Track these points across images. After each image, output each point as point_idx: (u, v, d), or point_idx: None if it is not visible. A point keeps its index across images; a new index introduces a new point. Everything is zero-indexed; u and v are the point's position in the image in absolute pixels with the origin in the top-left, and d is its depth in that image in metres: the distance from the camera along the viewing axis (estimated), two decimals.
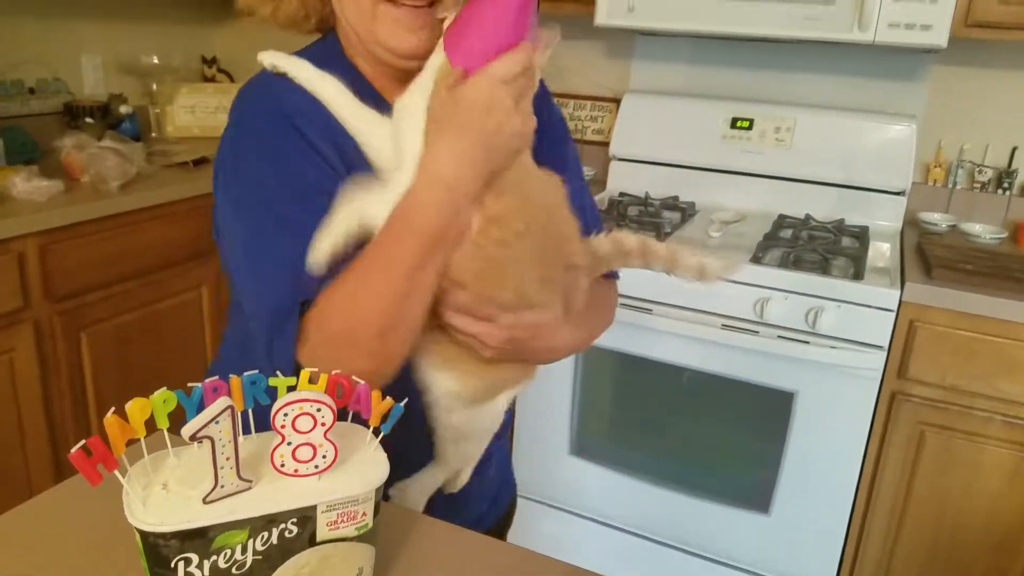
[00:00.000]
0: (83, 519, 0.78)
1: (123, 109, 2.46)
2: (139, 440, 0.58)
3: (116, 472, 0.56)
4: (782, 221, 2.11)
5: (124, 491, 0.57)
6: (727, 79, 2.33)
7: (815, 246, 1.88)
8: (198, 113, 2.72)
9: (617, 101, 2.41)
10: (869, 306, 1.68)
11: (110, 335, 2.03)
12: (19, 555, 0.73)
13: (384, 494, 0.69)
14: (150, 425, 0.59)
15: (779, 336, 1.75)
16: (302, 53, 0.85)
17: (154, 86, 2.66)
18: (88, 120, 2.38)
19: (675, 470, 1.96)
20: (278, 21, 0.87)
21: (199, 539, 0.57)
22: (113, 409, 0.56)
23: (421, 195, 0.71)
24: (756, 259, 1.79)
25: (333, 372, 0.65)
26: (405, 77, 0.78)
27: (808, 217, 2.13)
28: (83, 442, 0.55)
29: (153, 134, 2.65)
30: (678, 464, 1.96)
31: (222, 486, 0.58)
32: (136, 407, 0.57)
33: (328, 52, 0.86)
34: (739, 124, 2.22)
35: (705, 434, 1.93)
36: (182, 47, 2.85)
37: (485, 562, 0.77)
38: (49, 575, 0.70)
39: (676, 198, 2.25)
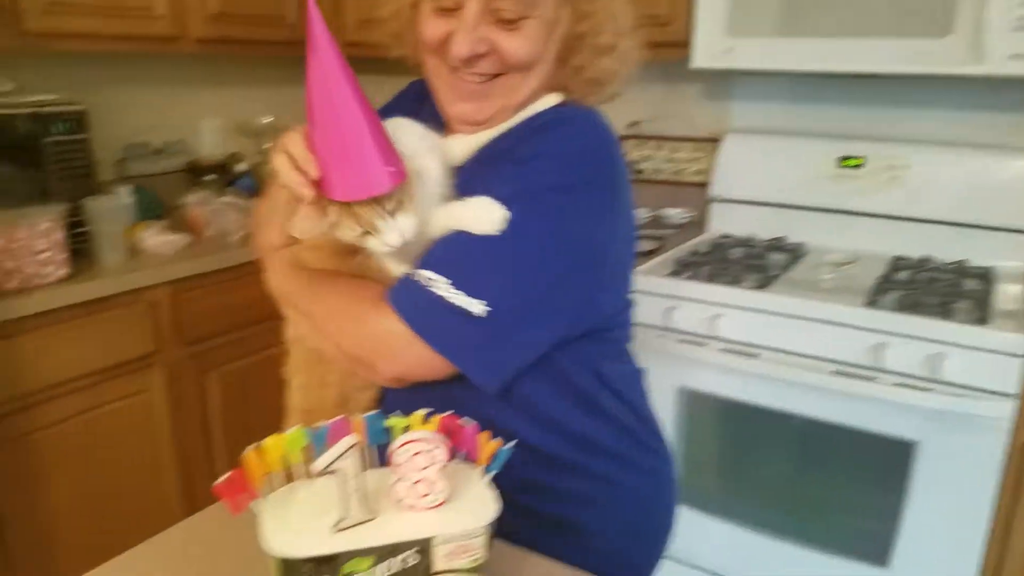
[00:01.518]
0: (217, 548, 0.83)
1: (240, 167, 2.62)
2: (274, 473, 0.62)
3: (254, 503, 0.60)
4: (897, 263, 2.03)
5: (261, 520, 0.61)
6: (833, 116, 2.28)
7: (935, 289, 1.80)
8: None
9: (716, 142, 2.40)
10: (996, 352, 1.58)
11: (234, 377, 2.15)
12: (181, 569, 0.79)
13: None
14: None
15: (897, 383, 1.67)
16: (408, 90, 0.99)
17: (267, 145, 2.83)
18: (209, 178, 2.55)
19: (782, 520, 1.88)
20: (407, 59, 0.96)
21: (330, 564, 0.60)
22: (253, 445, 0.60)
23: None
24: (871, 303, 1.73)
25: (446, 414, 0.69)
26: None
27: (926, 258, 2.04)
28: (227, 475, 0.59)
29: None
30: (785, 514, 1.88)
31: (349, 517, 0.61)
32: (272, 444, 0.61)
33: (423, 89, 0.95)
34: (848, 163, 2.17)
35: (815, 483, 1.85)
36: (292, 108, 3.02)
37: None
38: None
39: (783, 239, 2.21)
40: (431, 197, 0.82)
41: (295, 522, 0.62)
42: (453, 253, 0.80)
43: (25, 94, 1.83)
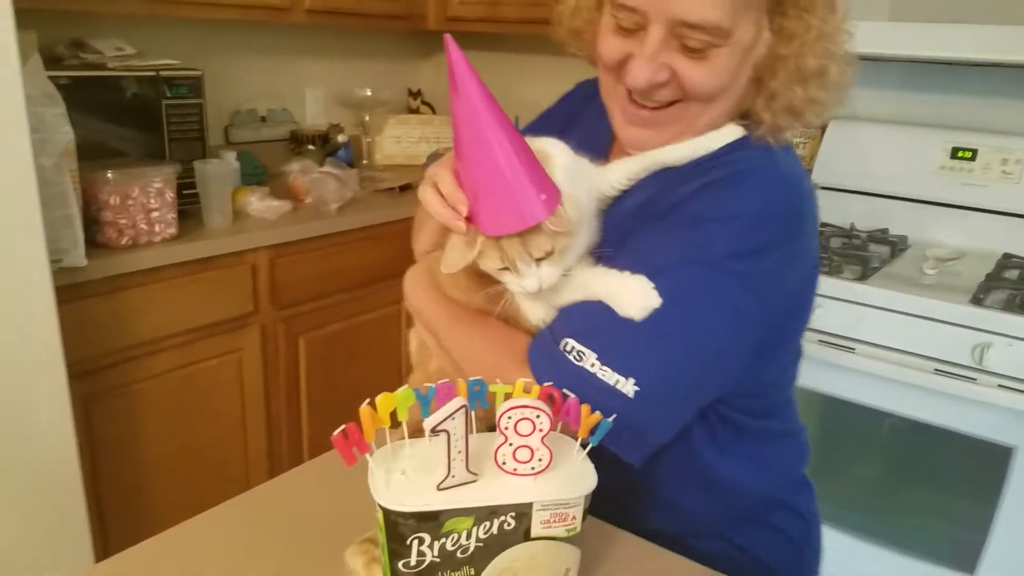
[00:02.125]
0: (314, 500, 0.87)
1: (340, 138, 2.69)
2: (385, 429, 0.64)
3: (367, 455, 0.63)
4: (1007, 260, 1.94)
5: (370, 473, 0.64)
6: (945, 106, 2.18)
7: None
8: (403, 143, 2.92)
9: (823, 128, 2.33)
10: None
11: (323, 341, 2.22)
12: (267, 526, 0.83)
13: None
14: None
15: (1000, 385, 1.61)
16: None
17: (366, 117, 2.89)
18: (310, 147, 2.63)
19: (869, 520, 1.83)
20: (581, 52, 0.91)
21: (432, 521, 0.62)
22: (368, 400, 0.63)
23: None
24: (977, 300, 1.66)
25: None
26: None
27: None
28: (342, 427, 0.61)
29: (364, 161, 2.88)
30: (873, 514, 1.83)
31: (453, 476, 0.63)
32: (384, 401, 0.64)
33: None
34: (960, 154, 2.07)
35: (906, 485, 1.79)
36: (392, 81, 3.08)
37: None
38: (294, 542, 0.79)
39: (885, 231, 2.13)
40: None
41: (400, 478, 0.64)
42: (603, 323, 0.72)
43: (146, 58, 1.92)
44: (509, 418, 0.65)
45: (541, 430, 0.66)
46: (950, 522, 1.74)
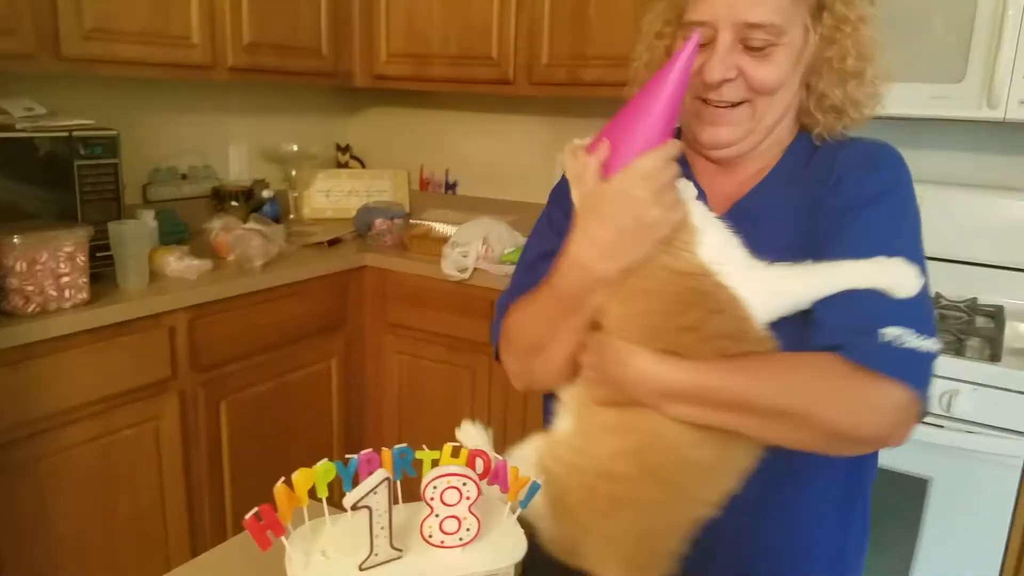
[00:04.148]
0: None
1: (265, 193, 2.65)
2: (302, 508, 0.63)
3: (283, 538, 0.61)
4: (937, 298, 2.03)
5: (287, 556, 0.62)
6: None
7: (947, 326, 1.80)
8: (332, 196, 2.91)
9: None
10: (1008, 390, 1.59)
11: (246, 404, 2.15)
12: None
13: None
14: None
15: None
16: None
17: (293, 172, 2.87)
18: (234, 203, 2.58)
19: None
20: None
21: None
22: (283, 479, 0.62)
23: (563, 270, 0.82)
24: None
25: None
26: (715, 163, 0.95)
27: (938, 295, 2.05)
28: (256, 509, 0.60)
29: (291, 216, 2.84)
30: None
31: (376, 554, 0.62)
32: (301, 477, 0.62)
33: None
34: None
35: None
36: (319, 136, 3.07)
37: None
38: None
39: None
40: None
41: (320, 559, 0.63)
42: (892, 304, 0.78)
43: (59, 118, 1.87)
44: (435, 488, 0.65)
45: (468, 498, 0.66)
46: (877, 551, 1.79)
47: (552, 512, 0.79)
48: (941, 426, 1.64)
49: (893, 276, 0.79)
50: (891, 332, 0.76)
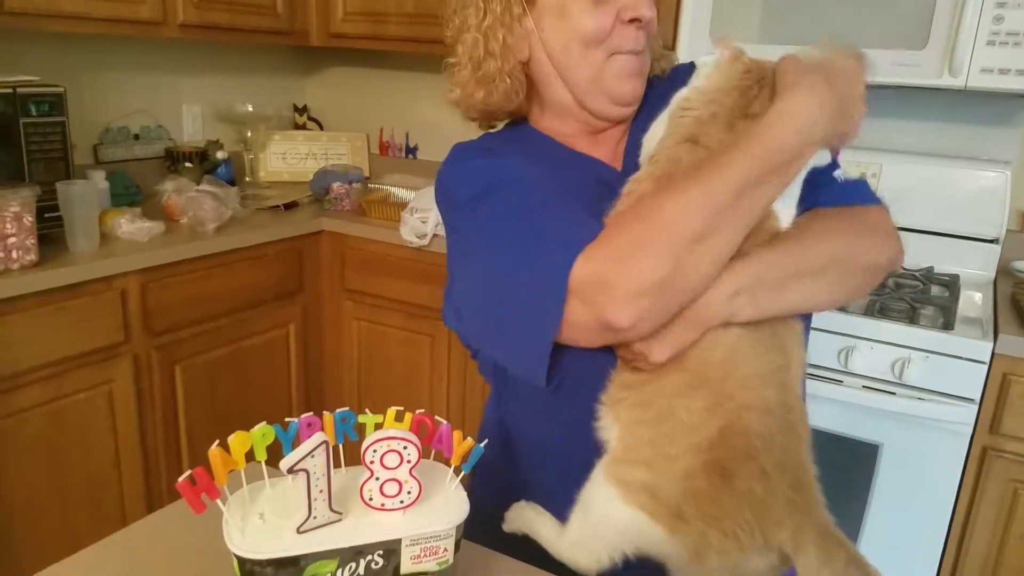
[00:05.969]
0: (179, 546, 0.82)
1: (219, 155, 2.59)
2: (239, 471, 0.61)
3: (218, 501, 0.60)
4: None
5: (224, 519, 0.61)
6: None
7: (902, 294, 1.83)
8: (289, 159, 2.85)
9: None
10: (960, 357, 1.62)
11: (202, 369, 2.12)
12: (146, 565, 0.78)
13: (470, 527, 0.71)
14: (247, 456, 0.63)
15: (864, 386, 1.70)
16: (495, 136, 1.03)
17: (248, 133, 2.80)
18: (187, 165, 2.52)
19: None
20: (488, 106, 0.96)
21: (292, 567, 0.60)
22: (217, 442, 0.60)
23: (774, 123, 0.73)
24: (840, 307, 1.75)
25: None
26: (593, 132, 0.95)
27: None
28: (189, 472, 0.58)
29: (247, 179, 2.79)
30: None
31: (314, 517, 0.61)
32: (237, 440, 0.61)
33: (521, 130, 1.01)
34: None
35: None
36: (275, 98, 3.00)
37: None
38: None
39: None
40: None
41: (257, 523, 0.62)
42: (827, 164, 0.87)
43: (3, 74, 1.80)
44: (375, 451, 0.64)
45: (409, 461, 0.65)
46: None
47: (662, 522, 0.71)
48: (893, 393, 1.67)
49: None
50: (839, 173, 0.87)
